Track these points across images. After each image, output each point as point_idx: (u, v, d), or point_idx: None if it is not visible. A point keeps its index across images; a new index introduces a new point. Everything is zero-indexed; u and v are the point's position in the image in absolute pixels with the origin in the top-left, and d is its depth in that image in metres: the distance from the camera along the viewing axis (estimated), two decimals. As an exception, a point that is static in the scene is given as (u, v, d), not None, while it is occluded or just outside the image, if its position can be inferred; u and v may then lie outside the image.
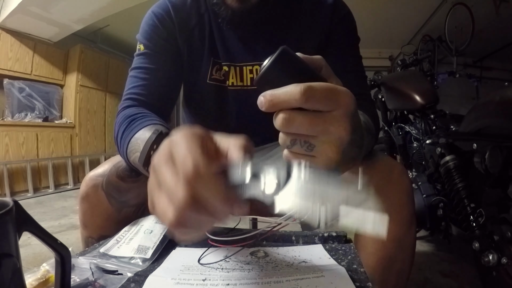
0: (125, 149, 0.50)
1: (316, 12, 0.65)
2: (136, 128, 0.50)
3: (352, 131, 0.26)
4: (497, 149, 0.89)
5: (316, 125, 0.26)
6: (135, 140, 0.48)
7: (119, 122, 0.55)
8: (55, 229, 1.92)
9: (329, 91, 0.25)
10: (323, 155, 0.27)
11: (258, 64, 0.65)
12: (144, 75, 0.62)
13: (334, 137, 0.26)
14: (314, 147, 0.27)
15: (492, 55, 4.08)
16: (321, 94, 0.25)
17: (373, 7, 3.41)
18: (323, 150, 0.27)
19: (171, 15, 0.63)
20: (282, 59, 0.26)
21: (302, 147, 0.27)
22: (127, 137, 0.51)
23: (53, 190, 3.21)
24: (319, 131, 0.26)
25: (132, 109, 0.58)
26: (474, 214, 1.03)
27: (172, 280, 0.35)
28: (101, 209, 0.54)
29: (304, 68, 0.27)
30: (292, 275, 0.36)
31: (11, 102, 3.14)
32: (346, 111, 0.26)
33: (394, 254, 0.52)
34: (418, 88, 1.50)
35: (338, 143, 0.27)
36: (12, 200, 0.26)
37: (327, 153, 0.27)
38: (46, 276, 0.35)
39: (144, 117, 0.53)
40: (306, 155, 0.28)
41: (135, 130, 0.50)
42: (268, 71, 0.26)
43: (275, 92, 0.25)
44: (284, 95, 0.25)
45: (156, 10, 0.64)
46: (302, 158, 0.28)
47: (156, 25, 0.63)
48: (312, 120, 0.25)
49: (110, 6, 2.96)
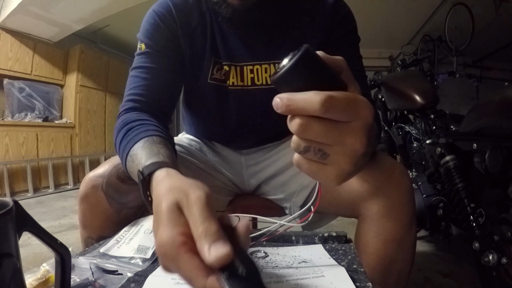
0: (124, 161, 0.49)
1: (317, 12, 0.65)
2: (132, 141, 0.49)
3: (368, 143, 0.26)
4: (497, 149, 0.89)
5: (333, 135, 0.25)
6: (131, 157, 0.47)
7: (118, 129, 0.54)
8: (55, 229, 1.92)
9: (350, 102, 0.25)
10: (335, 165, 0.27)
11: (258, 64, 0.65)
12: (146, 75, 0.61)
13: (350, 149, 0.26)
14: (328, 156, 0.26)
15: (492, 55, 4.08)
16: (341, 105, 0.24)
17: (373, 7, 3.41)
18: (337, 160, 0.26)
19: (173, 14, 0.62)
20: (304, 60, 0.24)
21: (316, 155, 0.26)
22: (125, 150, 0.49)
23: (53, 190, 3.21)
24: (335, 141, 0.25)
25: (132, 114, 0.56)
26: (474, 214, 1.03)
27: (172, 280, 0.35)
28: (100, 210, 0.54)
29: (325, 71, 0.26)
30: (292, 275, 0.36)
31: (11, 102, 3.14)
32: (364, 123, 0.25)
33: (394, 254, 0.52)
34: (418, 88, 1.50)
35: (353, 154, 0.26)
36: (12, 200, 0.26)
37: (340, 163, 0.26)
38: (46, 276, 0.35)
39: (141, 124, 0.52)
40: (318, 162, 0.27)
41: (132, 143, 0.48)
42: (288, 72, 0.25)
43: (293, 97, 0.24)
44: (303, 102, 0.24)
45: (157, 9, 0.63)
46: (314, 165, 0.27)
47: (158, 24, 0.62)
48: (329, 129, 0.25)
49: (110, 6, 2.96)
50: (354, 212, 0.56)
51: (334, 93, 0.24)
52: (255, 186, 0.78)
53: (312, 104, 0.23)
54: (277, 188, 0.74)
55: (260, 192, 0.79)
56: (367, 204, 0.53)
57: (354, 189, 0.54)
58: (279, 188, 0.73)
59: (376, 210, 0.52)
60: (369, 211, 0.53)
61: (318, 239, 0.48)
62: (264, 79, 0.66)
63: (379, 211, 0.52)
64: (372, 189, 0.52)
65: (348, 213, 0.58)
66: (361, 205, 0.54)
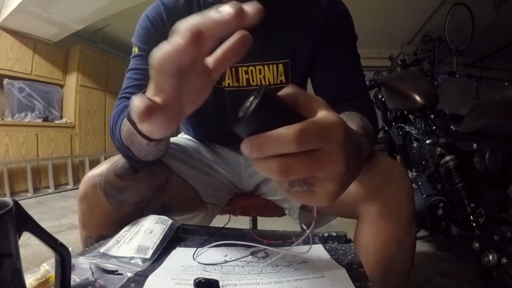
0: (119, 130, 0.51)
1: (311, 11, 0.65)
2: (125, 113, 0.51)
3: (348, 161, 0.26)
4: (497, 149, 0.89)
5: (313, 166, 0.25)
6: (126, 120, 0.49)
7: (113, 115, 0.56)
8: (55, 229, 1.92)
9: (321, 128, 0.24)
10: (323, 190, 0.27)
11: (252, 66, 0.65)
12: (139, 76, 0.63)
13: (332, 172, 0.25)
14: (314, 185, 0.26)
15: (492, 55, 4.08)
16: (315, 134, 0.23)
17: (373, 7, 3.41)
18: (323, 185, 0.26)
19: (163, 18, 0.63)
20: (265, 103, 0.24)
21: (302, 187, 0.27)
22: (119, 121, 0.52)
23: (53, 190, 3.21)
24: (317, 171, 0.25)
25: (126, 102, 0.58)
26: (474, 214, 1.03)
27: (172, 280, 0.35)
28: (99, 208, 0.54)
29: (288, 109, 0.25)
30: (292, 276, 0.36)
31: (11, 102, 3.14)
32: (338, 144, 0.25)
33: (394, 255, 0.52)
34: (418, 88, 1.50)
35: (337, 176, 0.26)
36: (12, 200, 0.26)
37: (327, 187, 0.26)
38: (46, 276, 0.35)
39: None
40: (306, 191, 0.27)
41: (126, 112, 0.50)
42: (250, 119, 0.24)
43: (264, 138, 0.23)
44: (276, 141, 0.23)
45: (149, 13, 0.65)
46: (303, 195, 0.27)
47: (149, 28, 0.64)
48: (308, 162, 0.24)
49: (110, 6, 2.96)
50: (353, 213, 0.56)
51: (303, 124, 0.23)
52: (254, 186, 0.78)
53: (286, 141, 0.23)
54: (275, 189, 0.74)
55: (260, 193, 0.79)
56: (366, 205, 0.53)
57: (353, 190, 0.54)
58: (277, 189, 0.73)
59: (375, 211, 0.52)
60: (368, 212, 0.53)
61: (318, 239, 0.48)
62: (259, 80, 0.66)
63: (378, 212, 0.52)
64: (371, 190, 0.52)
65: (347, 214, 0.58)
66: (360, 206, 0.54)
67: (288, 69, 0.66)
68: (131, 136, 0.47)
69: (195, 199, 0.69)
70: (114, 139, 0.55)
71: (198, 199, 0.69)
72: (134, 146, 0.49)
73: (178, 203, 0.65)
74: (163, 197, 0.60)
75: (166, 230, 0.47)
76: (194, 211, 0.76)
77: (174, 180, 0.63)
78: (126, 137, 0.49)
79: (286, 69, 0.66)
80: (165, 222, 0.49)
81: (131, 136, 0.47)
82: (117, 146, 0.56)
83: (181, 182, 0.65)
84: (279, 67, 0.66)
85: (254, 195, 0.81)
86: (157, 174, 0.59)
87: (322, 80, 0.68)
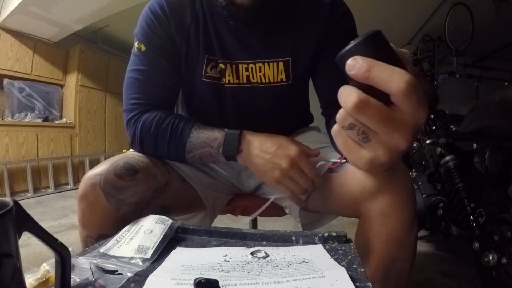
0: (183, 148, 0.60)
1: (314, 11, 0.65)
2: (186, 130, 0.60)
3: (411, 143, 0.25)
4: (497, 149, 0.89)
5: (385, 125, 0.24)
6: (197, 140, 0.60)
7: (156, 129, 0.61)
8: (55, 229, 1.92)
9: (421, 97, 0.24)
10: (372, 152, 0.26)
11: (253, 63, 0.65)
12: (144, 77, 0.63)
13: (393, 142, 0.24)
14: (369, 141, 0.25)
15: (492, 55, 4.09)
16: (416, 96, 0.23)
17: (373, 7, 3.41)
18: (376, 148, 0.25)
19: (166, 13, 0.62)
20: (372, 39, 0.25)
21: (358, 136, 0.25)
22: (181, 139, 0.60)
23: (53, 190, 3.21)
24: (384, 132, 0.24)
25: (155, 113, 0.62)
26: (474, 214, 1.03)
27: (172, 280, 0.35)
28: (99, 208, 0.54)
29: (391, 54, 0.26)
30: (292, 275, 0.36)
31: (11, 102, 3.14)
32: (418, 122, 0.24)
33: (396, 253, 0.52)
34: (418, 88, 1.50)
35: (394, 149, 0.25)
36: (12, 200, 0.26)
37: (378, 152, 0.25)
38: (46, 276, 0.35)
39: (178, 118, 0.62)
40: (356, 142, 0.26)
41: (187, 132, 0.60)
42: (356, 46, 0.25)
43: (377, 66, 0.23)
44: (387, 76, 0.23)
45: (152, 7, 0.63)
46: (350, 143, 0.26)
47: (154, 25, 0.62)
48: (384, 118, 0.23)
49: (110, 6, 2.95)
50: (355, 211, 0.56)
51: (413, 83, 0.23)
52: (254, 186, 0.78)
53: (395, 83, 0.22)
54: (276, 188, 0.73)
55: (260, 192, 0.79)
56: (368, 204, 0.53)
57: (356, 188, 0.54)
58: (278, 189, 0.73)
59: (377, 209, 0.52)
60: (370, 210, 0.53)
61: (318, 239, 0.48)
62: (259, 77, 0.66)
63: (380, 211, 0.52)
64: (373, 188, 0.52)
65: (349, 213, 0.58)
66: (362, 205, 0.54)
67: (289, 68, 0.66)
68: (207, 158, 0.61)
69: (195, 200, 0.69)
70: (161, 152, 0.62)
71: (198, 200, 0.69)
72: (202, 161, 0.63)
73: (177, 205, 0.65)
74: (162, 198, 0.60)
75: (166, 230, 0.47)
76: (193, 211, 0.76)
77: (174, 182, 0.63)
78: (198, 157, 0.61)
79: (287, 67, 0.66)
80: (165, 222, 0.49)
81: (207, 158, 0.61)
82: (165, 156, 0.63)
83: (181, 184, 0.65)
84: (279, 65, 0.66)
85: (254, 195, 0.81)
86: (157, 176, 0.59)
87: (325, 80, 0.68)
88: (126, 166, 0.55)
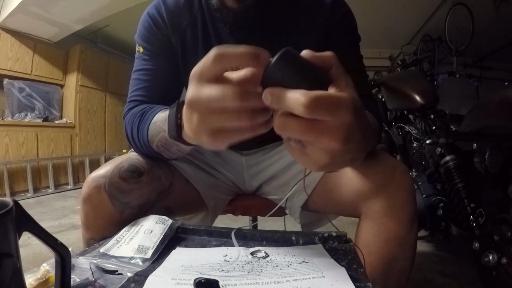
0: (146, 138, 0.54)
1: (314, 12, 0.65)
2: (150, 117, 0.53)
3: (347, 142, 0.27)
4: (497, 149, 0.90)
5: (309, 134, 0.26)
6: (154, 125, 0.52)
7: (130, 121, 0.58)
8: (55, 229, 1.92)
9: (332, 102, 0.26)
10: (313, 156, 0.28)
11: None
12: (145, 77, 0.64)
13: (326, 145, 0.27)
14: (305, 147, 0.28)
15: (492, 55, 4.09)
16: (325, 106, 0.25)
17: (373, 7, 3.41)
18: (313, 152, 0.28)
19: (163, 16, 0.63)
20: (284, 60, 0.26)
21: (296, 144, 0.29)
22: (144, 128, 0.54)
23: (53, 190, 3.21)
24: (311, 140, 0.27)
25: (138, 107, 0.60)
26: (474, 214, 1.03)
27: (172, 280, 0.35)
28: (103, 210, 0.53)
29: (306, 69, 0.27)
30: (292, 276, 0.36)
31: (11, 102, 3.14)
32: (342, 122, 0.26)
33: (396, 253, 0.52)
34: (418, 88, 1.50)
35: (329, 150, 0.27)
36: (12, 200, 0.26)
37: (317, 156, 0.28)
38: (46, 276, 0.35)
39: (153, 108, 0.56)
40: (300, 150, 0.29)
41: (150, 119, 0.53)
42: (270, 72, 0.27)
43: (282, 94, 0.26)
44: (289, 100, 0.25)
45: (150, 11, 0.65)
46: (296, 151, 0.30)
47: (151, 27, 0.64)
48: (306, 128, 0.26)
49: (110, 6, 2.96)
50: (355, 211, 0.56)
51: (319, 94, 0.25)
52: (256, 186, 0.78)
53: (297, 105, 0.25)
54: (277, 188, 0.73)
55: (261, 192, 0.79)
56: (369, 203, 0.53)
57: (356, 188, 0.54)
58: (280, 189, 0.73)
59: (378, 209, 0.52)
60: (370, 210, 0.53)
61: (318, 239, 0.48)
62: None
63: (381, 210, 0.52)
64: (374, 188, 0.52)
65: (349, 212, 0.58)
66: (362, 204, 0.54)
67: None
68: (167, 145, 0.51)
69: (197, 201, 0.69)
70: (137, 144, 0.57)
71: (200, 200, 0.69)
72: (169, 152, 0.53)
73: (180, 206, 0.65)
74: (166, 200, 0.60)
75: (166, 230, 0.47)
76: (195, 212, 0.76)
77: (178, 183, 0.63)
78: (160, 145, 0.53)
79: None
80: (165, 222, 0.49)
81: (167, 145, 0.51)
82: (142, 151, 0.58)
83: (184, 185, 0.65)
84: None
85: (254, 195, 0.81)
86: (161, 177, 0.59)
87: None
88: (130, 168, 0.55)
